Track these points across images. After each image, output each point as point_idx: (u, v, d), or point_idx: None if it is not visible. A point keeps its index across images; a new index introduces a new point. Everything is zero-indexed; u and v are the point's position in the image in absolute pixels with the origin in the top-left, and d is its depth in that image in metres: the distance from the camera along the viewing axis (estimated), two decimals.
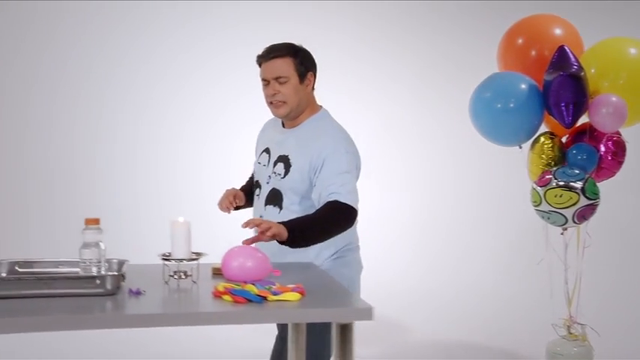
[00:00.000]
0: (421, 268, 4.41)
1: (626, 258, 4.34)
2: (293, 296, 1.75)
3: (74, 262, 1.98)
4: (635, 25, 4.23)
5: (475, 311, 3.97)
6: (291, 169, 2.61)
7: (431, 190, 4.79)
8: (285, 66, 2.62)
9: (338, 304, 1.88)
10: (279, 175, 2.62)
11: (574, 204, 2.86)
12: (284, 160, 2.64)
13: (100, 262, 1.88)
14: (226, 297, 1.75)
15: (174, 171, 4.86)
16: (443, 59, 4.92)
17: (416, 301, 4.19)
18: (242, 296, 1.73)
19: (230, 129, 4.79)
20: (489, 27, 4.79)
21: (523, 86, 3.03)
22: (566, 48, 2.95)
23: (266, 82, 2.63)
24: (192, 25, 4.74)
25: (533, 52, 3.21)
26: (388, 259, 4.27)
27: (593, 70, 3.00)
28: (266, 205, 2.63)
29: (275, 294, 1.74)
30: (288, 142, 2.67)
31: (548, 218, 2.96)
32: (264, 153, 2.75)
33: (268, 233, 2.28)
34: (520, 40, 3.29)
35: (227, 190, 2.73)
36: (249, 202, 2.79)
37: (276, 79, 2.61)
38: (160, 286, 1.96)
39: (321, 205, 2.55)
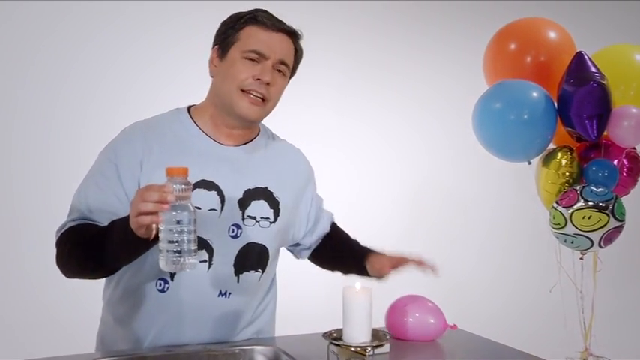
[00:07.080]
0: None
1: (637, 281, 4.23)
2: None
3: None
4: (619, 28, 4.13)
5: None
6: (281, 207, 1.84)
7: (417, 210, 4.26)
8: (291, 54, 1.83)
9: None
10: (267, 219, 1.79)
11: (603, 226, 2.59)
12: (265, 195, 1.81)
13: None
14: None
15: None
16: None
17: None
18: None
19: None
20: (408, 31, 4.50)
21: (536, 95, 2.71)
22: (584, 54, 2.69)
23: (259, 57, 1.74)
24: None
25: (529, 59, 2.94)
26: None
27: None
28: (239, 272, 1.76)
29: None
30: (254, 167, 1.83)
31: (572, 242, 2.67)
32: (197, 190, 1.68)
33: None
34: (513, 46, 2.98)
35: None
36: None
37: (279, 63, 1.77)
38: None
39: (323, 232, 2.10)
